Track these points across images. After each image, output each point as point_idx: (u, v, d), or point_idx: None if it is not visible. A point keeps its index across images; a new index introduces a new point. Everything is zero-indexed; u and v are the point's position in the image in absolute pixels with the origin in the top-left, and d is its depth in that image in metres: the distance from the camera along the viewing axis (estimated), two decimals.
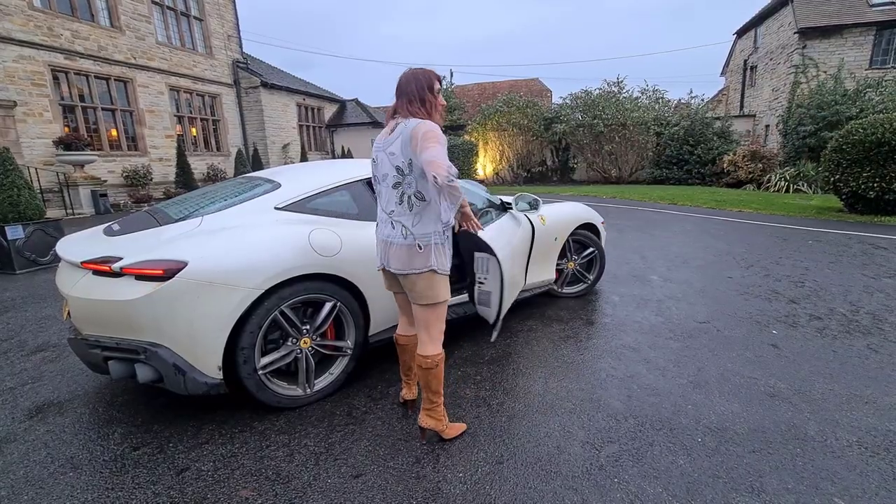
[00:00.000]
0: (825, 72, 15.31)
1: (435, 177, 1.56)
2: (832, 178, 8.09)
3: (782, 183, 12.88)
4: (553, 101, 22.34)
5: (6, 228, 5.24)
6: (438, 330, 1.94)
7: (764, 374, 2.59)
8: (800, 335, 3.11)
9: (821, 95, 14.06)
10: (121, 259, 2.01)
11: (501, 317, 2.48)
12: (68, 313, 2.22)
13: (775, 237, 6.47)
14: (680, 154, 15.99)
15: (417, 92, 1.82)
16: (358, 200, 2.67)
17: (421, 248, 1.81)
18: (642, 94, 17.66)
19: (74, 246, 2.33)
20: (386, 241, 1.89)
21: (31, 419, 2.30)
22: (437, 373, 1.93)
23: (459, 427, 2.09)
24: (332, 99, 22.23)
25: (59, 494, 1.77)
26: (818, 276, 4.51)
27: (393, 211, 1.85)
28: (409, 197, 1.80)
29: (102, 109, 12.53)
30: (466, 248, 2.63)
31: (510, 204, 3.21)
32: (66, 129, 11.53)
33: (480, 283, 2.52)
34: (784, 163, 14.55)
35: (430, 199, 1.80)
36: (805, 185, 12.53)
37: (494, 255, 2.39)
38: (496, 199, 3.20)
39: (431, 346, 1.92)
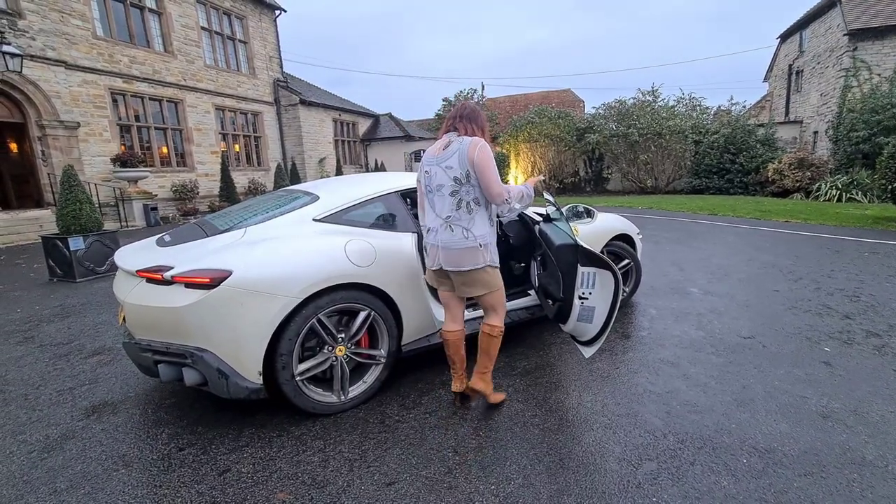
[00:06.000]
0: (879, 74, 14.47)
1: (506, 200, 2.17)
2: (890, 186, 7.61)
3: (833, 191, 12.19)
4: (586, 111, 22.09)
5: (69, 240, 5.66)
6: (503, 308, 2.31)
7: (815, 393, 2.44)
8: (855, 353, 2.92)
9: (875, 99, 13.26)
10: (172, 268, 2.14)
11: (605, 335, 2.38)
12: (124, 318, 2.37)
13: (826, 248, 6.11)
14: (720, 163, 15.40)
15: (480, 122, 2.24)
16: (392, 212, 2.74)
17: (481, 247, 2.13)
18: (678, 102, 17.22)
19: (130, 256, 2.50)
20: (445, 245, 2.16)
21: (88, 418, 2.45)
22: (498, 342, 2.30)
23: (501, 395, 2.42)
24: (366, 114, 22.84)
25: (111, 490, 1.88)
26: (876, 289, 4.22)
27: (450, 216, 2.15)
28: (468, 203, 2.13)
29: (155, 128, 13.39)
30: (563, 259, 2.51)
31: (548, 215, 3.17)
32: (123, 147, 12.38)
33: (583, 297, 2.42)
34: (835, 170, 13.78)
35: (483, 203, 2.17)
36: (859, 193, 11.80)
37: (613, 271, 2.28)
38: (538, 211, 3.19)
39: (497, 319, 2.29)
